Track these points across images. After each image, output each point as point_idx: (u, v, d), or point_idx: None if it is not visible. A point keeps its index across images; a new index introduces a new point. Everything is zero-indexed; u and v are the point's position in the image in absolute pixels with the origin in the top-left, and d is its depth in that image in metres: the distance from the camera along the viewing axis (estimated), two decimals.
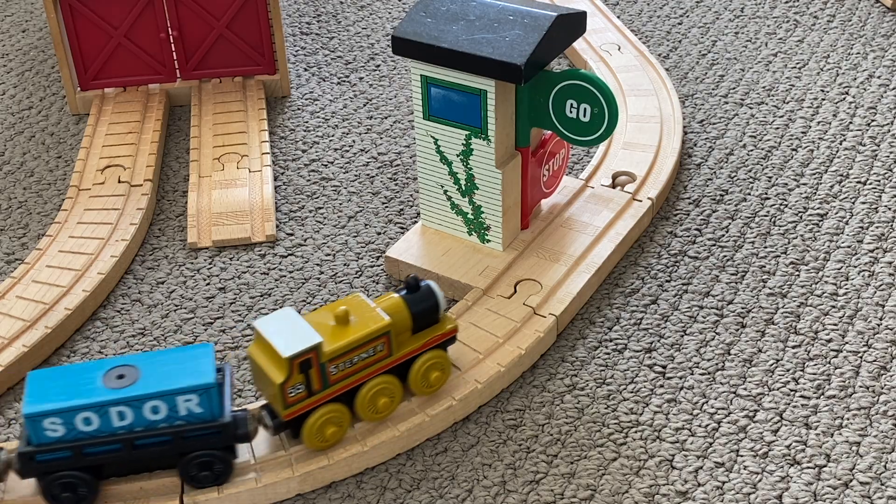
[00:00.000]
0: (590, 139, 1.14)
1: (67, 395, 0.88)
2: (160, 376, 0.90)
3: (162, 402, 0.89)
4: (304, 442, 0.96)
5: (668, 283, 1.20)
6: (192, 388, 0.89)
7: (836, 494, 0.95)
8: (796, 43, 1.66)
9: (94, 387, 0.89)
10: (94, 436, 0.89)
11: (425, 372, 1.00)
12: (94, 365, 0.92)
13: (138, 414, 0.89)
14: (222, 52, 1.54)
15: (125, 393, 0.89)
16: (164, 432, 0.90)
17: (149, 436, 0.90)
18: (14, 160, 1.46)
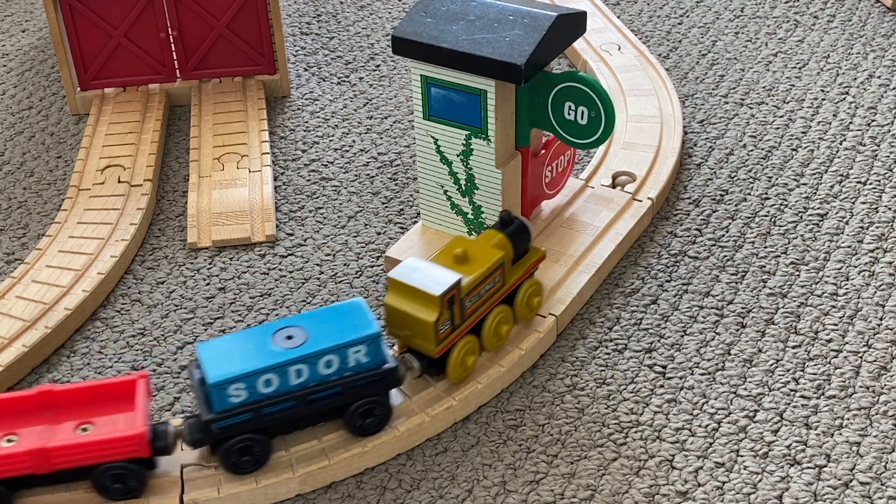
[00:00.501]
0: (587, 142, 1.14)
1: (247, 360, 0.93)
2: (327, 333, 0.95)
3: (335, 356, 0.94)
4: (450, 375, 1.03)
5: (668, 283, 1.20)
6: (360, 340, 0.95)
7: (836, 494, 0.95)
8: (796, 43, 1.66)
9: (269, 350, 0.94)
10: (273, 396, 0.93)
11: (528, 298, 1.09)
12: (259, 330, 0.96)
13: (313, 370, 0.94)
14: (222, 52, 1.54)
15: (302, 351, 0.93)
16: (336, 384, 0.95)
17: (322, 390, 0.95)
18: (14, 160, 1.46)
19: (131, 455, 0.91)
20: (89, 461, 0.90)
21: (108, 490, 0.92)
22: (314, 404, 0.95)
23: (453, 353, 1.01)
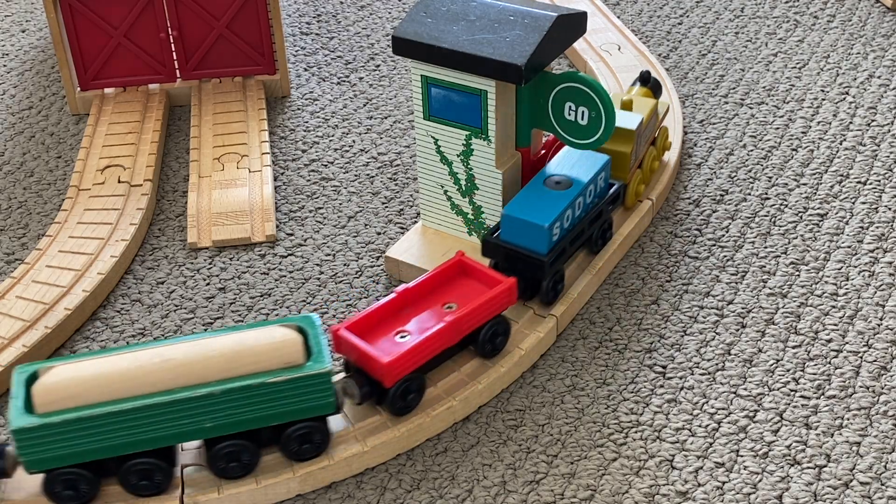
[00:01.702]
0: (587, 142, 1.14)
1: (549, 207, 1.10)
2: (579, 171, 1.15)
3: (593, 186, 1.15)
4: (628, 201, 1.25)
5: (668, 283, 1.20)
6: (602, 167, 1.16)
7: (836, 495, 0.95)
8: (796, 43, 1.66)
9: (555, 194, 1.12)
10: (570, 227, 1.12)
11: (664, 141, 1.31)
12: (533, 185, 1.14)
13: (584, 201, 1.13)
14: (222, 52, 1.54)
15: (580, 186, 1.13)
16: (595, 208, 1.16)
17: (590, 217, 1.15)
18: (14, 160, 1.46)
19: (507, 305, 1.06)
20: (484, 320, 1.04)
21: None
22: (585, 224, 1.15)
23: (631, 185, 1.23)
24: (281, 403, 0.92)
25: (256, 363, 0.91)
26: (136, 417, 0.89)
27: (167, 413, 0.89)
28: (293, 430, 0.94)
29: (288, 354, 0.92)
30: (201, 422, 0.91)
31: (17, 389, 0.90)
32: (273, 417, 0.93)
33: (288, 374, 0.91)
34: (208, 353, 0.91)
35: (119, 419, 0.88)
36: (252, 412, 0.92)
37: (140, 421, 0.89)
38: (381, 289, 1.21)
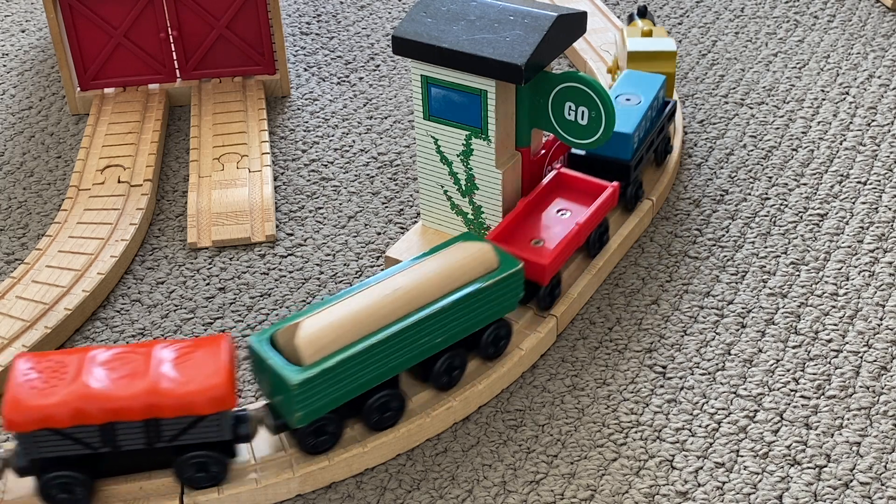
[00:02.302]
0: (587, 142, 1.14)
1: (628, 118, 1.23)
2: (643, 90, 1.29)
3: (656, 101, 1.29)
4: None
5: (668, 283, 1.20)
6: (662, 86, 1.30)
7: (836, 495, 0.95)
8: (796, 43, 1.66)
9: (630, 108, 1.25)
10: (644, 137, 1.26)
11: None
12: None
13: (651, 115, 1.27)
14: (222, 51, 1.54)
15: (649, 101, 1.27)
16: (659, 122, 1.29)
17: (656, 129, 1.28)
18: (14, 160, 1.46)
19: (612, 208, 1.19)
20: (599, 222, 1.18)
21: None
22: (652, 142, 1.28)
23: None
24: (490, 305, 1.02)
25: (465, 275, 1.01)
26: (392, 345, 0.96)
27: (414, 334, 0.97)
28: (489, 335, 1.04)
29: (487, 262, 1.03)
30: (435, 337, 0.99)
31: (267, 352, 0.93)
32: (481, 321, 1.02)
33: (497, 276, 1.02)
34: (427, 275, 1.00)
35: (379, 350, 0.95)
36: (469, 319, 1.01)
37: (393, 348, 0.96)
38: None
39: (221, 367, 0.91)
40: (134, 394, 0.88)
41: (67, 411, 0.87)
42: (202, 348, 0.93)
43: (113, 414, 0.88)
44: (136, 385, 0.89)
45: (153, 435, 0.90)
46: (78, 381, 0.88)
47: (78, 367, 0.90)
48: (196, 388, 0.89)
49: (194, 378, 0.89)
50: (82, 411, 0.87)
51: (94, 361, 0.91)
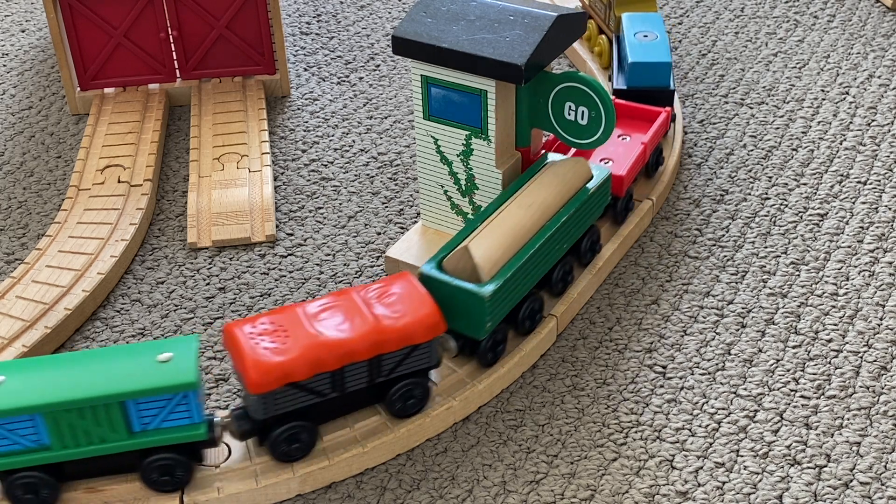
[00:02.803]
0: (587, 142, 1.14)
1: (658, 51, 1.35)
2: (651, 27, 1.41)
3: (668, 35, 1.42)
4: None
5: (668, 283, 1.20)
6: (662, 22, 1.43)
7: (836, 495, 0.95)
8: (796, 43, 1.66)
9: (653, 43, 1.37)
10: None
11: None
12: (631, 43, 1.37)
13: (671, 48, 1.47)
14: (222, 51, 1.54)
15: (664, 35, 1.39)
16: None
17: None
18: (14, 160, 1.46)
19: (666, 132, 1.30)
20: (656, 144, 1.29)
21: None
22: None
23: None
24: (591, 210, 1.15)
25: (575, 185, 1.13)
26: (541, 253, 1.07)
27: (553, 242, 1.09)
28: (586, 243, 1.16)
29: (586, 173, 1.15)
30: (563, 243, 1.11)
31: (446, 278, 1.01)
32: (584, 227, 1.15)
33: (598, 182, 1.14)
34: (548, 189, 1.10)
35: (533, 259, 1.06)
36: (581, 224, 1.14)
37: (541, 256, 1.07)
38: None
39: (425, 296, 0.98)
40: (362, 334, 0.94)
41: (307, 363, 0.92)
42: (394, 284, 1.00)
43: (346, 357, 0.94)
44: (361, 327, 0.94)
45: (375, 371, 0.97)
46: (309, 334, 0.93)
47: (297, 323, 0.95)
48: (412, 319, 0.96)
49: (407, 311, 0.97)
50: (320, 360, 0.93)
51: (310, 314, 0.96)
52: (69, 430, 0.89)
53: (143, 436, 0.91)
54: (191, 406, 0.91)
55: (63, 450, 0.90)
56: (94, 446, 0.90)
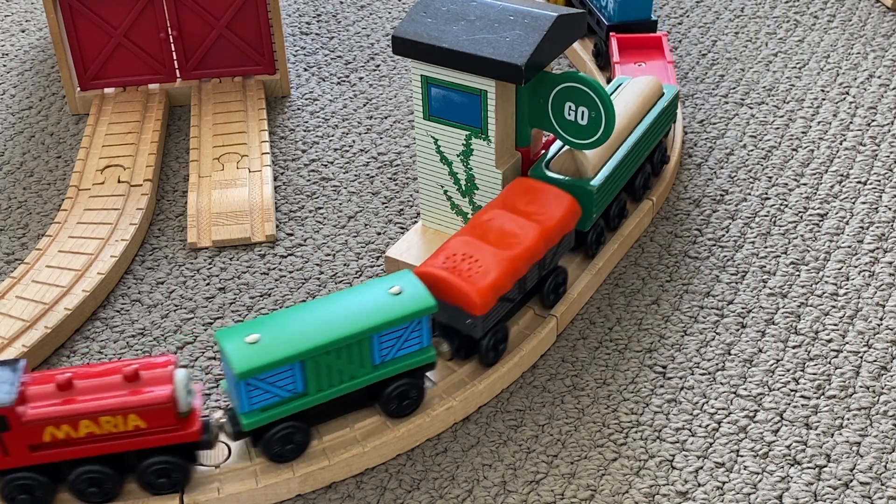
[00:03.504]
0: (587, 142, 1.14)
1: None
2: None
3: None
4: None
5: (668, 283, 1.20)
6: None
7: (836, 495, 0.95)
8: (796, 43, 1.66)
9: None
10: None
11: None
12: None
13: None
14: (222, 51, 1.54)
15: None
16: None
17: None
18: (14, 160, 1.46)
19: None
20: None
21: None
22: None
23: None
24: (667, 122, 1.29)
25: (651, 99, 1.28)
26: (629, 155, 1.20)
27: (639, 147, 1.22)
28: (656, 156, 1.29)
29: (658, 88, 1.29)
30: (644, 151, 1.24)
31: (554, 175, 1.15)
32: (656, 140, 1.27)
33: (670, 97, 1.29)
34: (632, 101, 1.25)
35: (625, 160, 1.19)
36: (655, 136, 1.26)
37: (629, 159, 1.20)
38: None
39: (558, 191, 1.10)
40: (536, 236, 1.04)
41: (509, 276, 1.02)
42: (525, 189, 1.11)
43: (531, 260, 1.04)
44: (531, 231, 1.05)
45: (541, 267, 1.08)
46: (495, 251, 1.03)
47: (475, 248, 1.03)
48: (564, 211, 1.08)
49: (555, 207, 1.08)
50: (517, 270, 1.03)
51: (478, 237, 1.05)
52: (325, 373, 0.94)
53: (383, 367, 0.97)
54: (422, 332, 0.97)
55: (318, 393, 0.95)
56: (344, 384, 0.96)
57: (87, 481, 0.91)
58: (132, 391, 0.90)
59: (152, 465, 0.92)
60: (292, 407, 0.94)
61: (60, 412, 0.88)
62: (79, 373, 0.91)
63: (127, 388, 0.90)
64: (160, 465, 0.92)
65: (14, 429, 0.87)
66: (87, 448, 0.90)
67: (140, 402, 0.89)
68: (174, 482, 0.93)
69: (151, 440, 0.91)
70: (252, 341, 0.92)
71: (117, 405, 0.89)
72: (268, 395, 0.92)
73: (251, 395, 0.91)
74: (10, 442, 0.88)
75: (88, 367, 0.92)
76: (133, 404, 0.89)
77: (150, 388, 0.90)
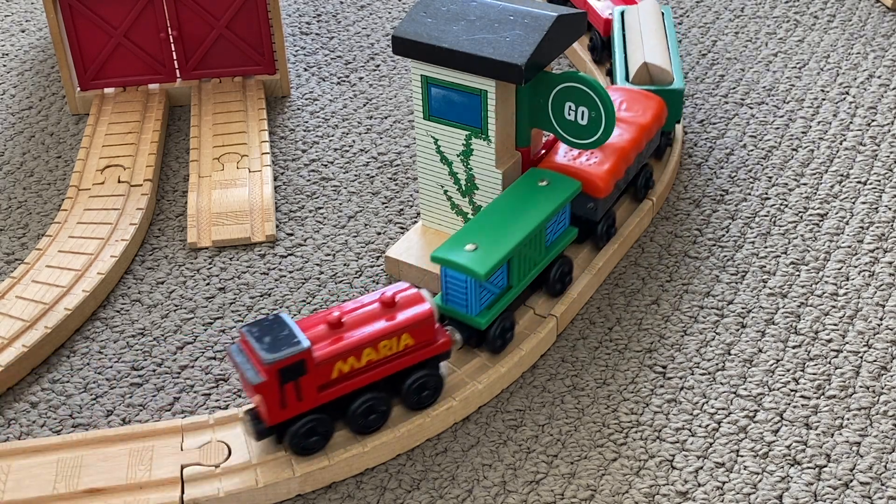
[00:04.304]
0: (587, 142, 1.14)
1: None
2: None
3: None
4: None
5: (668, 283, 1.20)
6: None
7: (836, 494, 0.95)
8: (796, 43, 1.66)
9: None
10: None
11: None
12: None
13: None
14: (222, 51, 1.54)
15: None
16: None
17: None
18: (14, 160, 1.46)
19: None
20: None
21: None
22: None
23: None
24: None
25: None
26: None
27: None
28: None
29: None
30: None
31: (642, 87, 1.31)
32: None
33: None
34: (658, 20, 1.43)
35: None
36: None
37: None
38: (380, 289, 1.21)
39: (648, 93, 1.28)
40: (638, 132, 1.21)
41: (622, 163, 1.18)
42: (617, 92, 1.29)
43: (635, 151, 1.21)
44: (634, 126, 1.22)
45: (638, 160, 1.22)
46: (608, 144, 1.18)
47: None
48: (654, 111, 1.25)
49: (644, 108, 1.25)
50: (628, 159, 1.19)
51: None
52: (521, 264, 1.07)
53: (549, 250, 1.11)
54: (566, 214, 1.13)
55: (518, 283, 1.08)
56: (531, 272, 1.09)
57: (366, 410, 0.97)
58: (392, 315, 0.98)
59: (416, 381, 0.99)
60: (503, 303, 1.05)
61: (348, 346, 0.94)
62: (343, 309, 0.98)
63: (387, 313, 0.98)
64: (422, 379, 0.99)
65: (310, 371, 0.92)
66: (364, 378, 0.96)
67: (409, 320, 0.97)
68: (435, 392, 1.01)
69: (418, 356, 0.99)
70: (472, 249, 1.03)
71: (392, 328, 0.96)
72: (487, 293, 1.04)
73: (480, 297, 1.03)
74: (304, 385, 0.93)
75: (339, 307, 0.98)
76: (404, 324, 0.97)
77: (408, 308, 0.98)
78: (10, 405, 1.08)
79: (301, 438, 0.95)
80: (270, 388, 0.91)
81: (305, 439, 0.95)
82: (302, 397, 0.93)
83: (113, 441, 0.99)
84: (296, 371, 0.91)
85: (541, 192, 1.11)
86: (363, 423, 0.97)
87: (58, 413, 1.07)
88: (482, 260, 1.01)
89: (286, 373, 0.91)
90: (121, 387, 1.09)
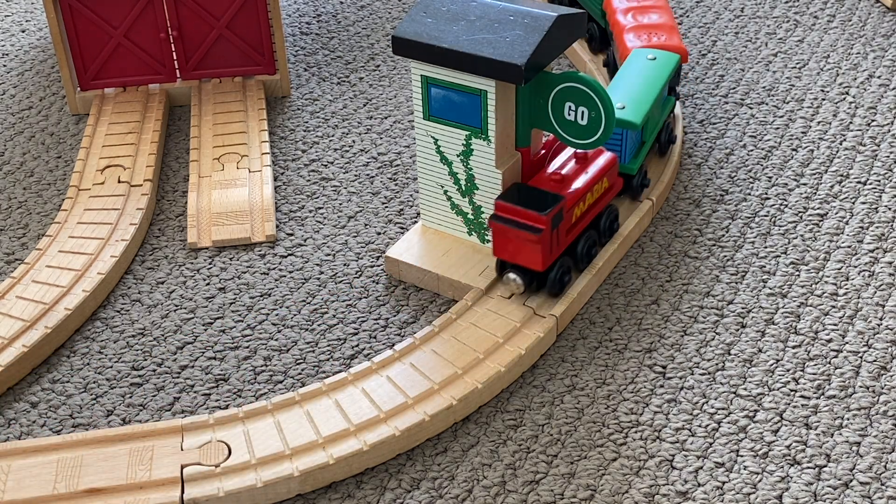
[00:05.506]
0: (587, 142, 1.14)
1: None
2: None
3: None
4: None
5: (668, 283, 1.20)
6: None
7: (836, 494, 0.95)
8: (796, 43, 1.66)
9: None
10: None
11: None
12: None
13: None
14: (222, 52, 1.54)
15: None
16: None
17: None
18: (14, 160, 1.46)
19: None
20: None
21: None
22: None
23: None
24: None
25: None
26: None
27: None
28: None
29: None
30: None
31: None
32: None
33: None
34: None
35: None
36: None
37: None
38: (380, 289, 1.21)
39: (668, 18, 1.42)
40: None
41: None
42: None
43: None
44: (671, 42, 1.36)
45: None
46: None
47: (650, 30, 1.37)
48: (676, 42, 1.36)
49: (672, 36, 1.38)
50: None
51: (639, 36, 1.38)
52: (650, 123, 1.27)
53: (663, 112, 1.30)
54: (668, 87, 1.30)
55: (649, 138, 1.28)
56: (655, 130, 1.29)
57: (588, 246, 1.17)
58: (587, 165, 1.17)
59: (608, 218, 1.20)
60: (641, 157, 1.25)
61: (578, 192, 1.13)
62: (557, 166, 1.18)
63: (583, 164, 1.17)
64: (612, 218, 1.21)
65: (565, 218, 1.11)
66: (585, 220, 1.16)
67: (607, 165, 1.17)
68: (616, 220, 1.22)
69: (611, 195, 1.20)
70: (622, 107, 1.22)
71: (598, 173, 1.16)
72: (633, 144, 1.24)
73: (629, 147, 1.23)
74: (561, 230, 1.11)
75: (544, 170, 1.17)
76: (605, 168, 1.17)
77: (597, 158, 1.18)
78: (10, 405, 1.08)
79: (558, 282, 1.13)
80: (545, 235, 1.08)
81: (563, 280, 1.13)
82: (559, 242, 1.11)
83: (113, 441, 0.99)
84: (559, 218, 1.10)
85: (653, 64, 1.30)
86: (587, 261, 1.17)
87: (58, 413, 1.07)
88: (635, 113, 1.21)
89: (555, 219, 1.09)
90: (121, 387, 1.10)
